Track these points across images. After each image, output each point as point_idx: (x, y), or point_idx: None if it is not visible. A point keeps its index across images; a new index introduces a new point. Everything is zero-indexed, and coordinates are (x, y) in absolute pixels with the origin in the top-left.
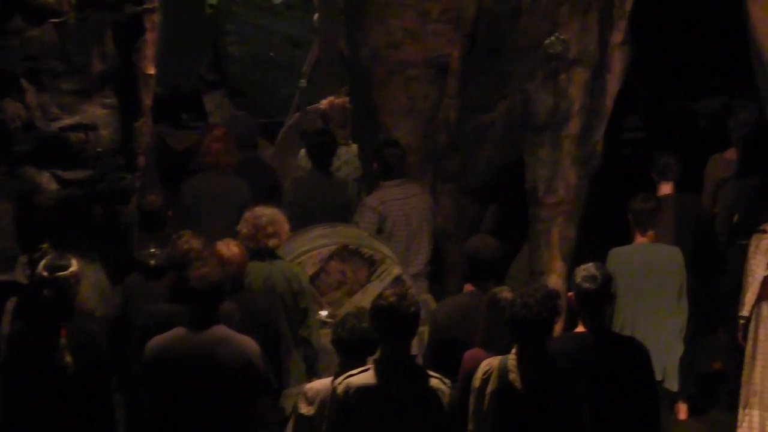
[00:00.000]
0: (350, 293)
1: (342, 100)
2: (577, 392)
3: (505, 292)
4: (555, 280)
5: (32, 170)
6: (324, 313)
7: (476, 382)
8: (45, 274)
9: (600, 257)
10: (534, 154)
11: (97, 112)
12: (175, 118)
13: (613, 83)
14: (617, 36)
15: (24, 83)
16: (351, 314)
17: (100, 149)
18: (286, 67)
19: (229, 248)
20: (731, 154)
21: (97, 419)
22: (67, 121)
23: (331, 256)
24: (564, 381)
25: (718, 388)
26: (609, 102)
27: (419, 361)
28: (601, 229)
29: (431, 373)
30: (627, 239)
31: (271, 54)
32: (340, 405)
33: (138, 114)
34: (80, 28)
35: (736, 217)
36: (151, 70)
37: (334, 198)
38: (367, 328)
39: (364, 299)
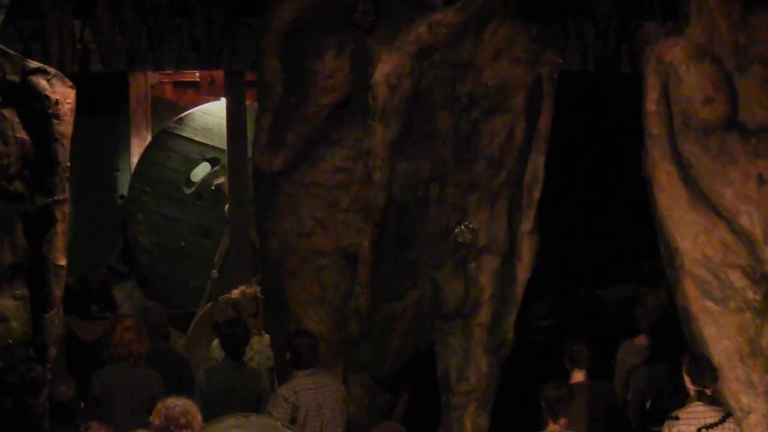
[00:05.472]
0: None
1: (253, 289)
2: None
3: None
4: None
5: None
6: None
7: None
8: None
9: None
10: (445, 342)
11: (8, 304)
12: (83, 309)
13: (522, 271)
14: (526, 225)
15: None
16: None
17: (10, 341)
18: (196, 257)
19: None
20: (641, 340)
21: None
22: None
23: None
24: None
25: None
26: (519, 290)
27: None
28: (513, 417)
29: None
30: (540, 427)
31: (182, 244)
32: None
33: (49, 305)
34: None
35: (648, 404)
36: (62, 261)
37: (246, 388)
38: None
39: None
